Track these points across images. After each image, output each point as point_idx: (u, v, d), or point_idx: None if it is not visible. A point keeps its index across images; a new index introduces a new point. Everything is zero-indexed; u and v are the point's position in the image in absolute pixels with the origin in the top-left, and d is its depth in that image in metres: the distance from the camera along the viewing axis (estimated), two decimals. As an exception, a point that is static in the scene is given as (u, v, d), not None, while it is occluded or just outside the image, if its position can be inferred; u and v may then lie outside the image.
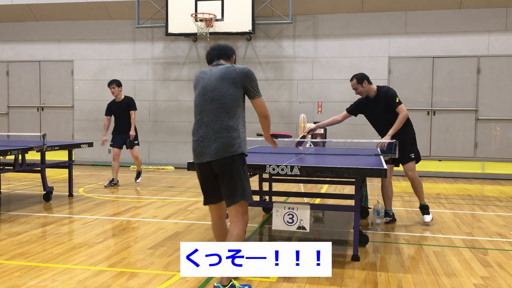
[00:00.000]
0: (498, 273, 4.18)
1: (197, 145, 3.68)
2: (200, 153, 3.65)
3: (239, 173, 3.61)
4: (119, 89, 8.71)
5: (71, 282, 3.82)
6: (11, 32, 13.01)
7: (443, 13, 11.00)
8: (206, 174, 3.71)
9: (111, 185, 8.75)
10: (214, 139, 3.59)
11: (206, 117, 3.65)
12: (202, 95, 3.69)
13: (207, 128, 3.63)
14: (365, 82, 6.13)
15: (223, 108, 3.61)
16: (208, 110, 3.65)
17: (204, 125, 3.65)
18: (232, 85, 3.63)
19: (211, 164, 3.61)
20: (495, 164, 10.88)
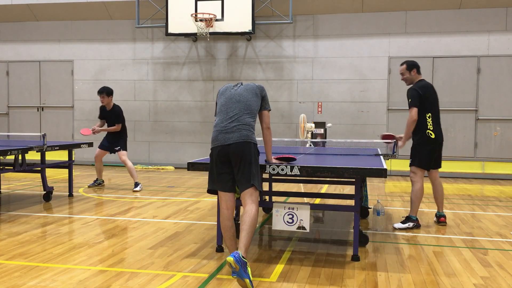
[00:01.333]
0: (498, 273, 4.18)
1: (219, 133, 4.10)
2: (223, 138, 4.06)
3: (255, 160, 4.09)
4: (109, 99, 8.45)
5: (71, 282, 3.82)
6: (11, 32, 13.01)
7: (443, 13, 11.00)
8: (223, 159, 4.07)
9: (95, 185, 8.72)
10: (236, 129, 4.07)
11: (231, 112, 4.13)
12: (229, 98, 4.20)
13: (231, 120, 4.10)
14: (414, 71, 6.01)
15: (247, 108, 4.16)
16: (234, 108, 4.14)
17: (229, 118, 4.11)
18: (254, 94, 4.24)
19: (231, 147, 4.02)
20: (495, 164, 10.88)
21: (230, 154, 4.05)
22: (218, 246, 4.71)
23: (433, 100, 5.90)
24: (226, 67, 11.96)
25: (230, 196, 4.14)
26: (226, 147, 4.04)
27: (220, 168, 4.14)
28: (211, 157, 4.21)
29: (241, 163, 4.03)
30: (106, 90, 8.48)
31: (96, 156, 8.68)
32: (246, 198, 4.03)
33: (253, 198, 4.03)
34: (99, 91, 8.49)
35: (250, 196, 4.02)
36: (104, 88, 8.51)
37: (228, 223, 4.08)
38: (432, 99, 5.90)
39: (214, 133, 4.18)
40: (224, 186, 4.15)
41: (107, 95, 8.45)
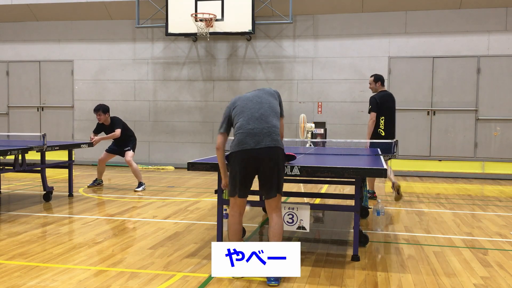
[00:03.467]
0: (498, 273, 4.18)
1: (246, 135, 3.89)
2: (253, 141, 3.86)
3: (283, 167, 4.04)
4: (105, 116, 8.36)
5: (71, 282, 3.82)
6: (11, 32, 13.01)
7: (443, 13, 11.00)
8: (251, 164, 3.89)
9: (94, 185, 8.72)
10: (267, 132, 3.90)
11: (257, 113, 3.95)
12: (249, 100, 4.05)
13: (259, 122, 3.91)
14: (378, 83, 7.80)
15: (271, 109, 4.02)
16: (258, 108, 3.98)
17: (255, 119, 3.92)
18: (273, 97, 4.13)
19: (263, 151, 3.85)
20: (495, 164, 10.88)
21: (259, 158, 3.86)
22: (218, 246, 4.71)
23: (388, 107, 7.66)
24: (226, 67, 11.96)
25: (245, 201, 4.09)
26: (256, 150, 3.85)
27: (245, 173, 3.93)
28: (234, 161, 3.94)
29: (271, 170, 3.89)
30: (102, 108, 8.37)
31: (101, 159, 8.67)
32: (274, 206, 3.96)
33: (279, 206, 4.00)
34: (95, 109, 8.39)
35: (277, 204, 3.97)
36: (100, 106, 8.40)
37: (239, 227, 4.05)
38: (387, 106, 7.63)
39: (239, 135, 3.91)
40: (245, 193, 4.02)
41: (103, 113, 8.36)
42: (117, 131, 8.38)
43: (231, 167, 3.99)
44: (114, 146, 8.67)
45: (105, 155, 8.67)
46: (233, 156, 3.93)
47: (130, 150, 8.54)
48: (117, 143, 8.63)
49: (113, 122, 8.49)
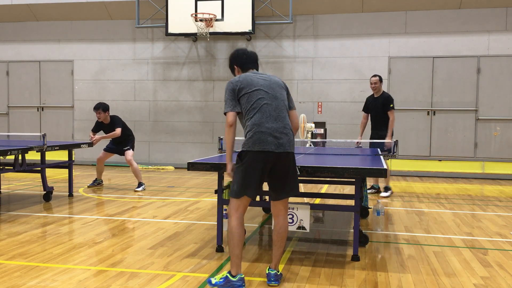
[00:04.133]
0: (498, 273, 4.18)
1: (264, 134, 3.68)
2: (274, 143, 3.69)
3: (297, 169, 3.97)
4: (105, 114, 8.36)
5: (71, 282, 3.82)
6: (11, 32, 13.01)
7: (443, 13, 11.00)
8: (267, 166, 3.71)
9: (94, 185, 8.72)
10: (284, 132, 3.76)
11: (274, 112, 3.76)
12: (265, 92, 3.80)
13: (277, 122, 3.74)
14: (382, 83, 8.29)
15: (284, 107, 3.85)
16: (274, 106, 3.78)
17: (273, 118, 3.74)
18: (284, 90, 3.96)
19: (283, 155, 3.73)
20: (495, 164, 10.88)
21: (277, 161, 3.73)
22: (218, 246, 4.71)
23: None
24: (226, 67, 11.96)
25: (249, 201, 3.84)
26: (277, 154, 3.69)
27: (260, 173, 3.71)
28: (252, 160, 3.68)
29: (286, 173, 3.78)
30: (102, 106, 8.38)
31: (99, 159, 8.67)
32: (282, 208, 3.86)
33: (287, 208, 3.95)
34: (95, 107, 8.40)
35: (285, 206, 3.89)
36: (100, 104, 8.40)
37: (243, 230, 3.77)
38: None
39: (258, 134, 3.67)
40: (255, 193, 3.77)
41: (103, 111, 8.35)
42: (117, 130, 8.38)
43: (244, 165, 3.70)
44: (113, 145, 8.66)
45: (104, 154, 8.67)
46: (250, 155, 3.67)
47: (129, 150, 8.53)
48: (116, 142, 8.62)
49: (113, 121, 8.49)
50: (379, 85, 8.19)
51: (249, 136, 3.71)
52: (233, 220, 3.72)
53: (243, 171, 3.71)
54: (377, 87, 8.19)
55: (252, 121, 3.72)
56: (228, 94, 3.83)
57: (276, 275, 3.80)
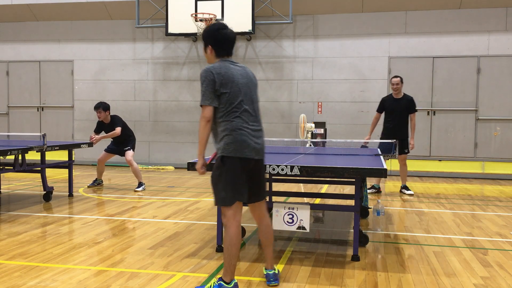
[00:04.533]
0: (498, 273, 4.18)
1: (247, 136, 3.56)
2: (255, 149, 3.60)
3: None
4: (105, 113, 8.37)
5: (71, 282, 3.82)
6: (11, 32, 13.01)
7: (443, 13, 11.00)
8: (247, 171, 3.61)
9: (94, 185, 8.72)
10: (262, 138, 3.71)
11: (251, 117, 3.63)
12: (244, 93, 3.61)
13: (255, 128, 3.63)
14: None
15: (259, 110, 3.75)
16: (252, 110, 3.65)
17: (252, 124, 3.61)
18: (257, 88, 3.82)
19: (260, 162, 3.70)
20: (495, 164, 10.88)
21: (255, 167, 3.67)
22: (218, 246, 4.71)
23: None
24: (226, 67, 11.94)
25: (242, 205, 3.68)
26: (255, 162, 3.63)
27: (244, 177, 3.61)
28: (231, 166, 3.53)
29: (261, 173, 3.78)
30: (103, 105, 8.39)
31: (100, 159, 8.66)
32: (263, 209, 3.81)
33: (266, 208, 3.87)
34: (96, 107, 8.41)
35: (265, 207, 3.83)
36: (101, 104, 8.42)
37: (241, 238, 3.67)
38: None
39: (238, 140, 3.52)
40: (246, 196, 3.64)
41: (103, 110, 8.36)
42: (117, 129, 8.38)
43: (227, 171, 3.53)
44: (113, 146, 8.66)
45: (104, 155, 8.67)
46: (232, 161, 3.53)
47: (130, 150, 8.54)
48: (116, 142, 8.62)
49: (113, 121, 8.49)
50: (400, 86, 8.21)
51: (229, 140, 3.52)
52: (233, 229, 3.53)
53: (228, 178, 3.53)
54: (398, 88, 8.19)
55: (232, 125, 3.52)
56: (206, 85, 3.50)
57: (275, 274, 3.81)
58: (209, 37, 3.65)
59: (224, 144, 3.54)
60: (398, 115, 8.22)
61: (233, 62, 3.67)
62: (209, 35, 3.66)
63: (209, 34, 3.66)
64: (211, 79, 3.49)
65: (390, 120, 8.29)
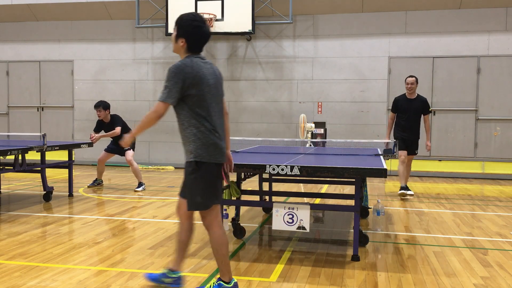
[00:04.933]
0: (498, 273, 4.18)
1: (220, 147, 3.47)
2: (224, 153, 3.53)
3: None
4: (105, 112, 8.39)
5: (71, 282, 3.82)
6: (11, 32, 13.01)
7: (443, 13, 11.00)
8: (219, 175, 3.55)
9: (94, 185, 8.71)
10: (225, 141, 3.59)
11: (219, 120, 3.50)
12: (213, 96, 3.45)
13: (222, 132, 3.53)
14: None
15: (223, 110, 3.60)
16: (220, 113, 3.52)
17: (220, 128, 3.50)
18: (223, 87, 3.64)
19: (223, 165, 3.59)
20: (495, 164, 10.88)
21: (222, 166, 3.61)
22: (218, 246, 4.70)
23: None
24: (226, 67, 11.96)
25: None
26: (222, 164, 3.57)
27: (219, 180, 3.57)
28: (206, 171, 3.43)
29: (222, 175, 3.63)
30: (103, 104, 8.41)
31: (100, 159, 8.66)
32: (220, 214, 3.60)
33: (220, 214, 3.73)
34: (96, 105, 8.43)
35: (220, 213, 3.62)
36: (101, 102, 8.43)
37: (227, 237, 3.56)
38: None
39: (212, 145, 3.41)
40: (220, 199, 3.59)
41: (104, 109, 8.38)
42: (117, 129, 8.37)
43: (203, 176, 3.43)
44: (113, 146, 8.66)
45: (104, 155, 8.66)
46: (207, 166, 3.41)
47: (130, 150, 8.53)
48: (116, 142, 8.61)
49: (113, 120, 8.50)
50: (415, 86, 8.07)
51: (201, 145, 3.38)
52: (217, 230, 3.45)
53: (204, 182, 3.42)
54: (413, 88, 8.04)
55: (205, 129, 3.37)
56: (175, 82, 3.29)
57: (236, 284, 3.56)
58: (186, 30, 3.46)
59: (195, 149, 3.40)
60: (411, 116, 8.05)
61: (202, 59, 3.48)
62: (187, 28, 3.47)
63: (187, 27, 3.47)
64: (181, 78, 3.29)
65: (403, 121, 8.10)
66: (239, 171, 4.99)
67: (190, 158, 3.46)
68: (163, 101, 3.30)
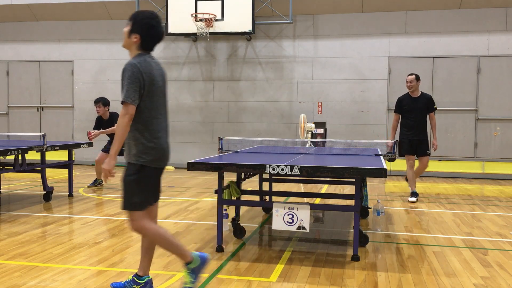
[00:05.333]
0: (498, 273, 4.18)
1: (166, 151, 3.43)
2: (168, 156, 3.46)
3: None
4: (105, 109, 8.39)
5: (71, 282, 3.82)
6: (11, 32, 13.01)
7: (443, 13, 11.00)
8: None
9: (95, 185, 8.70)
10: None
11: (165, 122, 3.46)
12: (161, 97, 3.42)
13: (167, 135, 3.48)
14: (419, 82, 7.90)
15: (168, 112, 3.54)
16: (165, 112, 3.47)
17: (166, 131, 3.46)
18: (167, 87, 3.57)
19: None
20: (495, 164, 10.88)
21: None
22: (218, 246, 4.71)
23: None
24: (226, 67, 11.96)
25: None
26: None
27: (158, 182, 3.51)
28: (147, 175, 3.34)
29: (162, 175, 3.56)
30: (103, 100, 8.42)
31: (98, 160, 8.64)
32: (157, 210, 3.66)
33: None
34: (96, 101, 8.43)
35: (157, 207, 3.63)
36: (101, 98, 8.46)
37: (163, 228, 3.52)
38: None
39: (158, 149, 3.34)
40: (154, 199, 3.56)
41: (103, 105, 8.39)
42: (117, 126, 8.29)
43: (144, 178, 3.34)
44: (109, 146, 8.60)
45: (101, 155, 8.62)
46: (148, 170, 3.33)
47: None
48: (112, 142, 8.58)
49: (112, 117, 8.47)
50: (415, 83, 7.75)
51: (148, 148, 3.30)
52: (149, 226, 3.38)
53: (144, 184, 3.34)
54: (413, 86, 7.74)
55: (153, 131, 3.32)
56: (132, 82, 3.23)
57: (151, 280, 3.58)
58: (142, 27, 3.38)
59: (143, 151, 3.30)
60: (416, 115, 7.71)
61: (152, 58, 3.46)
62: (143, 25, 3.39)
63: (143, 24, 3.39)
64: (137, 77, 3.24)
65: (408, 121, 7.77)
66: (239, 171, 4.99)
67: (133, 160, 3.33)
68: (130, 102, 3.21)
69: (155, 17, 3.45)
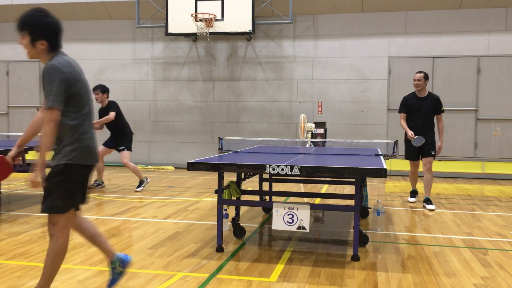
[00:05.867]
0: (498, 273, 4.18)
1: (93, 147, 3.30)
2: (96, 155, 3.35)
3: None
4: (103, 95, 8.22)
5: (71, 282, 3.82)
6: (11, 32, 13.00)
7: (443, 13, 11.00)
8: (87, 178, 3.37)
9: (95, 186, 8.63)
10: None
11: (91, 118, 3.37)
12: (86, 92, 3.32)
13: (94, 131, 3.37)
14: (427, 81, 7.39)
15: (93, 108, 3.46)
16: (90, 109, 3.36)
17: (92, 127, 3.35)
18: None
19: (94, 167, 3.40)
20: (495, 164, 10.88)
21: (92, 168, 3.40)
22: (218, 246, 4.71)
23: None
24: (226, 67, 11.96)
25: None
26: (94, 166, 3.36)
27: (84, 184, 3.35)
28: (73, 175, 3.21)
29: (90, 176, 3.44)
30: (101, 87, 8.27)
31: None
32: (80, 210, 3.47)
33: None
34: (94, 88, 8.21)
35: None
36: (99, 85, 8.31)
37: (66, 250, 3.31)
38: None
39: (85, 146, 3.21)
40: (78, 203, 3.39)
41: (101, 92, 8.22)
42: (111, 114, 8.10)
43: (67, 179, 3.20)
44: (111, 141, 8.44)
45: (103, 149, 8.38)
46: (75, 168, 3.20)
47: (125, 150, 8.34)
48: (114, 137, 8.44)
49: (109, 105, 8.28)
50: (422, 82, 7.21)
51: (76, 147, 3.20)
52: (63, 239, 3.20)
53: (69, 186, 3.20)
54: (420, 85, 7.22)
55: (80, 130, 3.21)
56: (58, 84, 3.09)
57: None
58: (43, 29, 3.18)
59: (69, 151, 3.19)
60: (422, 116, 7.25)
61: (66, 55, 3.32)
62: (43, 27, 3.18)
63: (42, 26, 3.18)
64: (62, 79, 3.11)
65: (413, 121, 7.31)
66: (239, 171, 4.99)
67: (61, 160, 3.23)
68: (54, 107, 3.08)
69: (44, 10, 3.21)
